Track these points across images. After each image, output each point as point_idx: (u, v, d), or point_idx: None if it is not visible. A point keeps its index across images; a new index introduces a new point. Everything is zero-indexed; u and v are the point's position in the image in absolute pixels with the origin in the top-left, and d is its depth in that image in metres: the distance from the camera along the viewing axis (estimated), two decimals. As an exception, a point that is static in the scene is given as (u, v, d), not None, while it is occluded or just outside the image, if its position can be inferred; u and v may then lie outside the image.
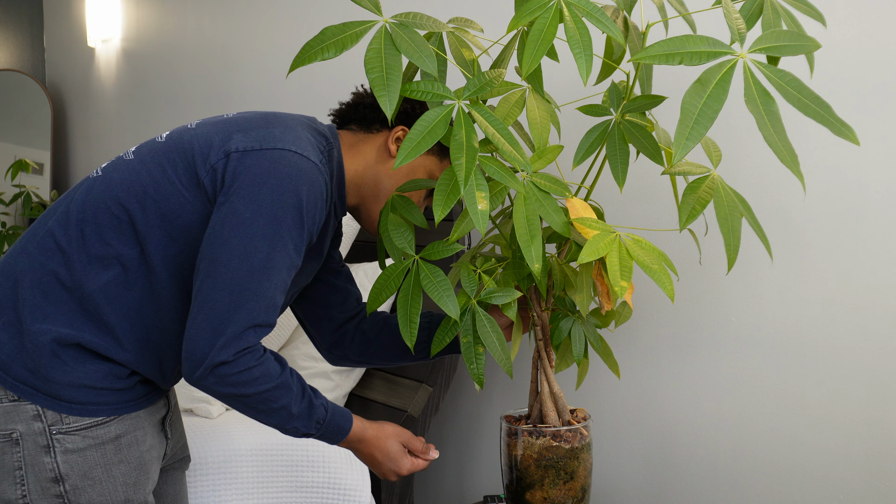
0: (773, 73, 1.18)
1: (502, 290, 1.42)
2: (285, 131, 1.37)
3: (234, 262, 1.28)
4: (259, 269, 1.28)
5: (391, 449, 1.47)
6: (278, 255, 1.29)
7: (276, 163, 1.31)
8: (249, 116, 1.43)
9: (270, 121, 1.40)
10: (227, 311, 1.27)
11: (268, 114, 1.44)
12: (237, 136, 1.36)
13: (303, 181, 1.32)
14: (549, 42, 1.24)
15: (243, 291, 1.28)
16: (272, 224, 1.29)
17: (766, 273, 1.70)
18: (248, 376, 1.29)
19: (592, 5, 1.25)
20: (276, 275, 1.30)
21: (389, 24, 1.27)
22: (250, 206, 1.29)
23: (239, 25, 3.17)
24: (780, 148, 1.16)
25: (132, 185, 1.37)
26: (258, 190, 1.29)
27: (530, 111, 1.40)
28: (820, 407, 1.65)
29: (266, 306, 1.30)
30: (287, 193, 1.30)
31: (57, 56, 4.65)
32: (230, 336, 1.27)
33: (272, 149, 1.33)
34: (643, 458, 1.93)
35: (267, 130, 1.36)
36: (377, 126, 1.50)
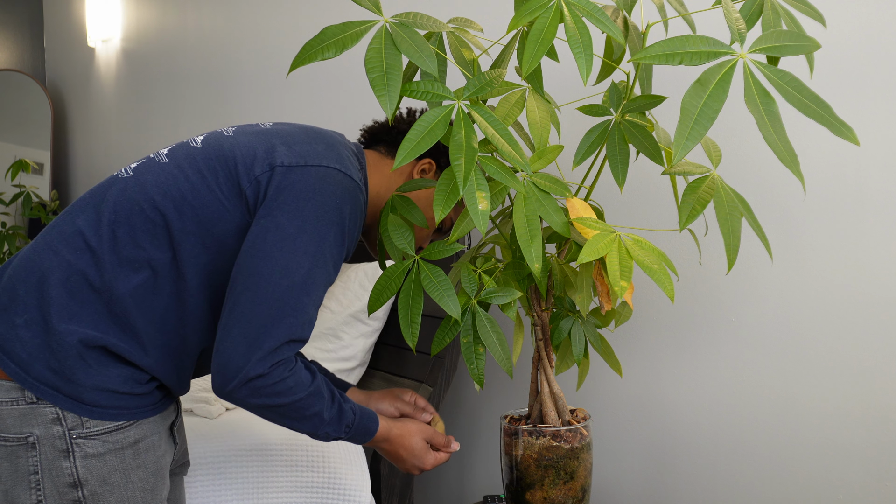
0: (773, 73, 1.18)
1: (502, 290, 1.42)
2: (328, 149, 1.38)
3: (275, 277, 1.28)
4: (300, 285, 1.28)
5: (416, 446, 1.49)
6: (319, 271, 1.30)
7: (322, 180, 1.32)
8: (290, 130, 1.43)
9: (312, 137, 1.41)
10: (266, 325, 1.27)
11: (308, 128, 1.44)
12: (282, 150, 1.36)
13: (347, 199, 1.33)
14: (550, 42, 1.24)
15: (283, 306, 1.28)
16: (316, 240, 1.29)
17: (766, 273, 1.70)
18: (281, 387, 1.29)
19: (592, 5, 1.25)
20: (315, 290, 1.30)
21: (389, 24, 1.27)
22: (295, 221, 1.29)
23: (239, 25, 3.17)
24: (779, 148, 1.16)
25: (169, 188, 1.36)
26: (303, 206, 1.30)
27: (530, 111, 1.40)
28: (820, 407, 1.65)
29: (304, 321, 1.30)
30: (332, 211, 1.31)
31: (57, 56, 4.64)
32: (267, 350, 1.27)
33: (317, 165, 1.34)
34: (643, 458, 1.93)
35: (311, 146, 1.37)
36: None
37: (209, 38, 3.35)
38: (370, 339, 2.23)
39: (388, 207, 1.46)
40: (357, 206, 1.35)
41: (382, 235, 1.44)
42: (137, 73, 3.86)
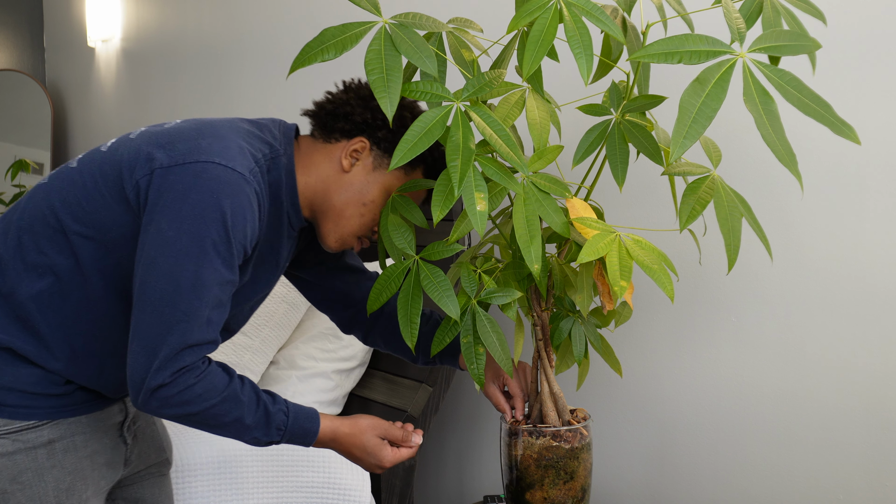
0: (773, 72, 1.18)
1: (502, 291, 1.42)
2: (214, 142, 1.32)
3: (161, 284, 1.25)
4: (187, 289, 1.25)
5: (368, 443, 1.42)
6: (206, 271, 1.26)
7: (198, 176, 1.27)
8: (184, 127, 1.37)
9: (203, 131, 1.34)
10: (159, 333, 1.24)
11: (205, 122, 1.38)
12: (163, 151, 1.31)
13: (225, 193, 1.27)
14: (550, 42, 1.24)
15: (174, 312, 1.24)
16: (196, 241, 1.25)
17: (766, 273, 1.70)
18: (189, 395, 1.26)
19: (592, 4, 1.25)
20: (207, 292, 1.26)
21: (389, 25, 1.27)
22: (173, 223, 1.25)
23: (239, 25, 3.17)
24: (778, 148, 1.16)
25: (68, 195, 1.34)
26: (180, 206, 1.25)
27: (530, 111, 1.40)
28: (820, 406, 1.65)
29: (198, 325, 1.26)
30: (209, 208, 1.26)
31: (57, 56, 4.64)
32: (163, 359, 1.24)
33: (195, 162, 1.28)
34: (643, 458, 1.93)
35: (195, 143, 1.31)
36: (336, 136, 1.44)
37: (209, 38, 3.35)
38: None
39: (388, 208, 1.45)
40: (240, 199, 1.28)
41: (382, 235, 1.44)
42: (137, 73, 3.86)
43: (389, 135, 1.41)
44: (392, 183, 1.44)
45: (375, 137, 1.42)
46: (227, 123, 1.38)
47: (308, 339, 2.27)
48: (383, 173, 1.43)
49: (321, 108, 1.46)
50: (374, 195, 1.43)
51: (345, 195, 1.42)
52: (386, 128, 1.40)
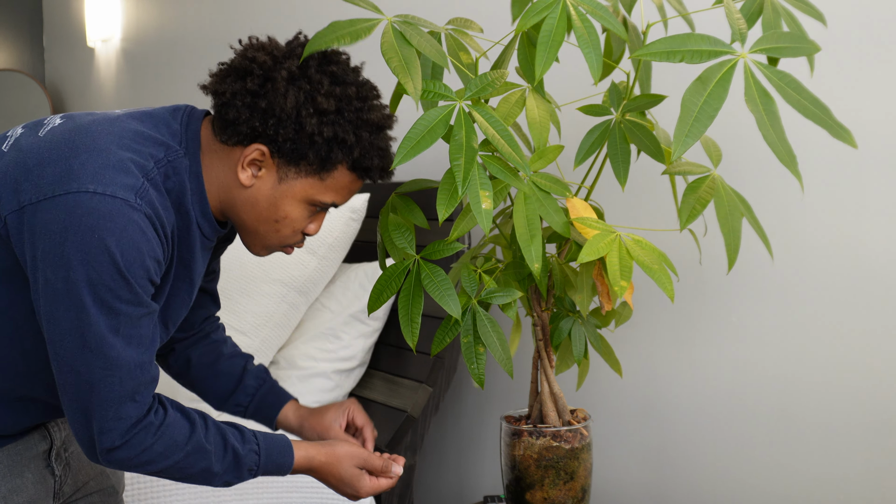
0: (773, 73, 1.18)
1: (503, 290, 1.42)
2: (89, 159, 1.11)
3: (68, 342, 1.10)
4: (97, 344, 1.10)
5: (345, 473, 1.33)
6: (112, 318, 1.10)
7: (71, 213, 1.07)
8: (58, 138, 1.15)
9: (76, 145, 1.13)
10: (87, 394, 1.11)
11: (81, 129, 1.16)
12: (30, 180, 1.11)
13: (107, 230, 1.08)
14: (560, 42, 1.24)
15: (91, 371, 1.10)
16: (90, 288, 1.08)
17: (766, 273, 1.70)
18: (149, 455, 1.15)
19: (597, 3, 1.26)
20: (120, 339, 1.11)
21: (395, 22, 1.28)
22: (59, 272, 1.08)
23: (239, 25, 3.17)
24: (778, 148, 1.16)
25: None
26: (61, 251, 1.08)
27: (530, 111, 1.40)
28: (820, 406, 1.65)
29: (126, 373, 1.12)
30: (93, 250, 1.07)
31: (56, 56, 4.64)
32: (101, 420, 1.12)
33: (65, 194, 1.08)
34: (643, 458, 1.93)
35: (65, 165, 1.10)
36: (228, 138, 1.20)
37: (209, 38, 3.35)
38: (370, 340, 2.23)
39: (388, 207, 1.45)
40: (130, 230, 1.09)
41: (382, 235, 1.44)
42: (137, 73, 3.86)
43: (294, 135, 1.17)
44: (307, 191, 1.21)
45: (275, 143, 1.18)
46: (108, 126, 1.17)
47: (308, 339, 2.26)
48: (293, 183, 1.21)
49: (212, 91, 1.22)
50: (287, 210, 1.22)
51: (251, 212, 1.23)
52: (289, 128, 1.17)
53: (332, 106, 1.17)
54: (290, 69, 1.18)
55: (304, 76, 1.18)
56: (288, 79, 1.17)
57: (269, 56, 1.19)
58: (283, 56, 1.20)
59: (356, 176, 1.23)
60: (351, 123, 1.19)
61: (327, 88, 1.17)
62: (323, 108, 1.16)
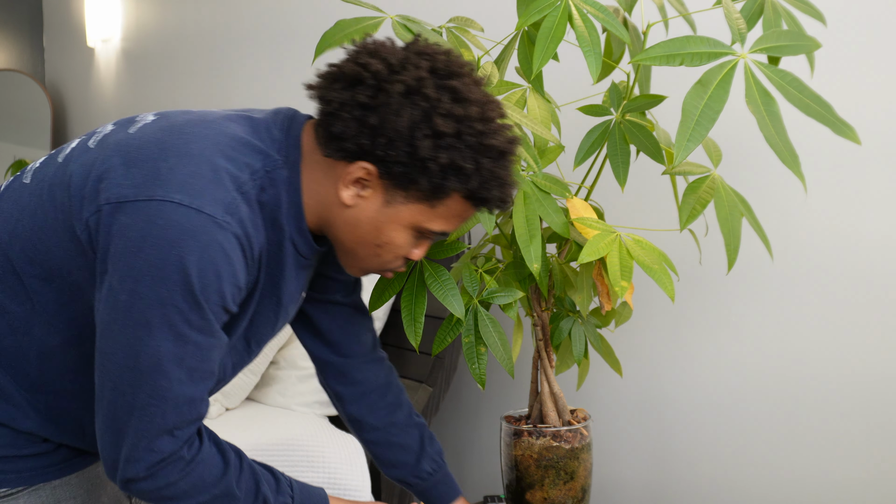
0: (774, 73, 1.18)
1: (504, 290, 1.42)
2: (179, 164, 1.01)
3: (119, 358, 1.00)
4: (150, 368, 1.00)
5: None
6: (178, 345, 1.00)
7: (152, 222, 0.98)
8: (149, 136, 1.06)
9: (168, 147, 1.03)
10: (124, 416, 1.01)
11: (175, 129, 1.06)
12: (115, 176, 1.02)
13: (188, 247, 0.97)
14: (559, 40, 1.25)
15: (136, 394, 1.00)
16: (156, 307, 0.98)
17: (766, 273, 1.70)
18: (172, 491, 1.05)
19: (598, 4, 1.26)
20: (177, 368, 1.01)
21: (399, 19, 1.29)
22: (126, 283, 0.98)
23: (239, 25, 3.17)
24: (781, 148, 1.16)
25: (17, 225, 1.08)
26: (133, 261, 0.98)
27: (530, 111, 1.40)
28: (820, 407, 1.65)
29: (174, 406, 1.02)
30: (168, 266, 0.97)
31: (57, 56, 4.64)
32: (131, 448, 1.02)
33: (149, 199, 0.99)
34: (643, 458, 1.93)
35: (153, 165, 1.01)
36: (333, 151, 1.07)
37: (209, 37, 3.35)
38: (370, 339, 2.23)
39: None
40: (211, 251, 0.99)
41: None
42: (137, 73, 3.86)
43: (406, 158, 1.04)
44: (414, 218, 1.09)
45: (384, 163, 1.05)
46: (204, 129, 1.06)
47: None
48: (400, 208, 1.08)
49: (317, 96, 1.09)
50: (390, 236, 1.11)
51: (351, 234, 1.11)
52: (400, 150, 1.04)
53: (452, 128, 1.03)
54: (408, 82, 1.03)
55: (422, 91, 1.03)
56: (404, 93, 1.03)
57: (384, 64, 1.04)
58: (399, 65, 1.04)
59: (471, 205, 1.10)
60: (471, 149, 1.04)
61: (447, 107, 1.03)
62: (441, 130, 1.02)
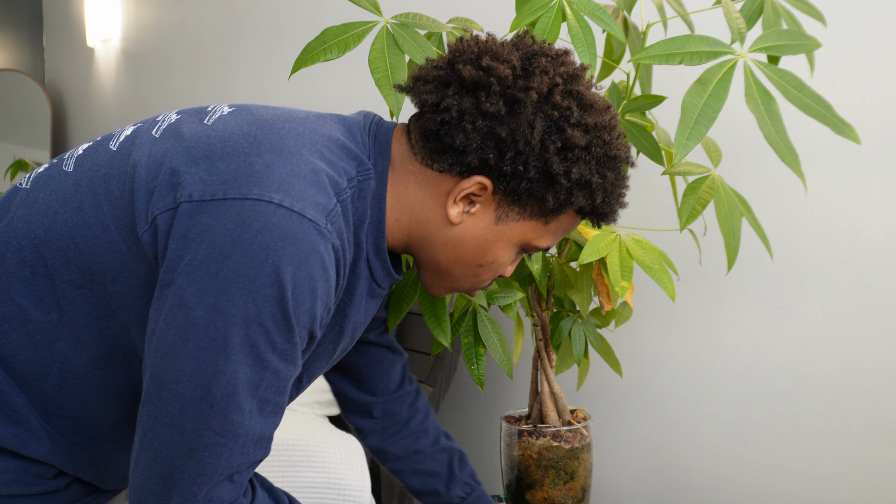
0: (774, 72, 1.18)
1: (504, 291, 1.42)
2: (275, 161, 0.87)
3: (183, 388, 0.84)
4: (223, 399, 0.85)
5: None
6: (257, 371, 0.86)
7: (245, 225, 0.83)
8: (235, 128, 0.92)
9: (260, 141, 0.89)
10: (180, 460, 0.85)
11: (266, 123, 0.93)
12: (197, 170, 0.87)
13: (287, 255, 0.84)
14: (554, 39, 1.24)
15: (202, 431, 0.85)
16: (239, 325, 0.83)
17: (766, 273, 1.70)
18: None
19: (594, 4, 1.26)
20: (251, 399, 0.86)
21: (390, 25, 1.27)
22: (204, 296, 0.83)
23: (239, 25, 3.17)
24: (781, 147, 1.16)
25: (55, 220, 0.92)
26: (217, 270, 0.83)
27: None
28: (820, 406, 1.65)
29: (244, 444, 0.88)
30: (262, 276, 0.83)
31: (56, 56, 4.64)
32: (186, 498, 0.86)
33: (242, 199, 0.84)
34: (643, 458, 1.93)
35: (245, 161, 0.87)
36: (443, 164, 0.95)
37: (209, 38, 3.35)
38: (370, 339, 2.23)
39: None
40: (313, 262, 0.86)
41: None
42: (137, 73, 3.86)
43: (536, 174, 0.94)
44: (526, 235, 0.99)
45: (504, 178, 0.94)
46: (297, 126, 0.94)
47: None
48: (513, 225, 0.98)
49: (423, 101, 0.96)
50: (497, 254, 1.00)
51: (451, 253, 0.99)
52: (530, 165, 0.93)
53: (583, 140, 0.94)
54: (540, 89, 0.93)
55: (552, 100, 0.93)
56: (538, 103, 0.93)
57: (510, 68, 0.94)
58: (525, 69, 0.94)
59: (581, 217, 1.01)
60: (598, 161, 0.95)
61: (577, 117, 0.94)
62: (574, 142, 0.93)
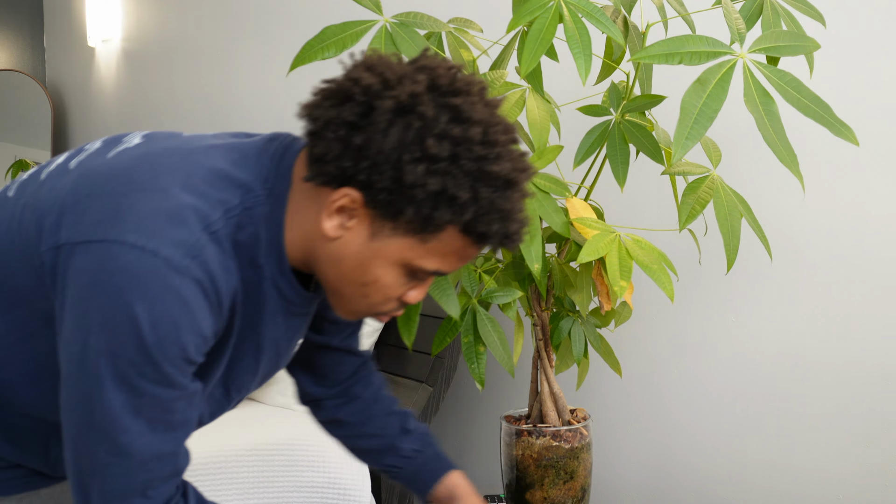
0: (773, 73, 1.18)
1: (503, 290, 1.42)
2: (140, 201, 0.91)
3: (77, 414, 0.91)
4: (106, 425, 0.90)
5: None
6: (133, 398, 0.90)
7: (103, 268, 0.88)
8: (121, 165, 0.96)
9: (135, 179, 0.94)
10: (88, 478, 0.93)
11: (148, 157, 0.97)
12: (77, 211, 0.93)
13: (138, 295, 0.87)
14: (549, 42, 1.25)
15: (96, 453, 0.91)
16: (109, 359, 0.88)
17: (765, 273, 1.70)
18: None
19: (592, 5, 1.26)
20: (135, 420, 0.91)
21: (390, 24, 1.27)
22: (79, 333, 0.89)
23: (239, 25, 3.17)
24: (779, 148, 1.16)
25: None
26: (85, 309, 0.89)
27: (530, 111, 1.40)
28: (819, 406, 1.65)
29: (141, 464, 0.92)
30: (117, 317, 0.87)
31: (57, 56, 4.64)
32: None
33: (103, 241, 0.89)
34: (643, 458, 1.93)
35: (115, 201, 0.91)
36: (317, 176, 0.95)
37: (209, 37, 3.35)
38: (370, 340, 2.23)
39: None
40: (168, 299, 0.88)
41: None
42: (137, 73, 3.86)
43: (391, 184, 0.92)
44: (403, 254, 0.96)
45: (370, 190, 0.93)
46: (179, 160, 0.96)
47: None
48: (388, 242, 0.95)
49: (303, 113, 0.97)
50: (377, 274, 0.97)
51: (335, 270, 0.98)
52: (385, 175, 0.92)
53: (446, 151, 0.91)
54: (400, 98, 0.92)
55: (417, 109, 0.91)
56: (394, 110, 0.91)
57: (379, 79, 0.93)
58: (396, 80, 0.93)
59: (471, 241, 0.96)
60: (468, 175, 0.91)
61: (443, 127, 0.91)
62: (432, 152, 0.90)
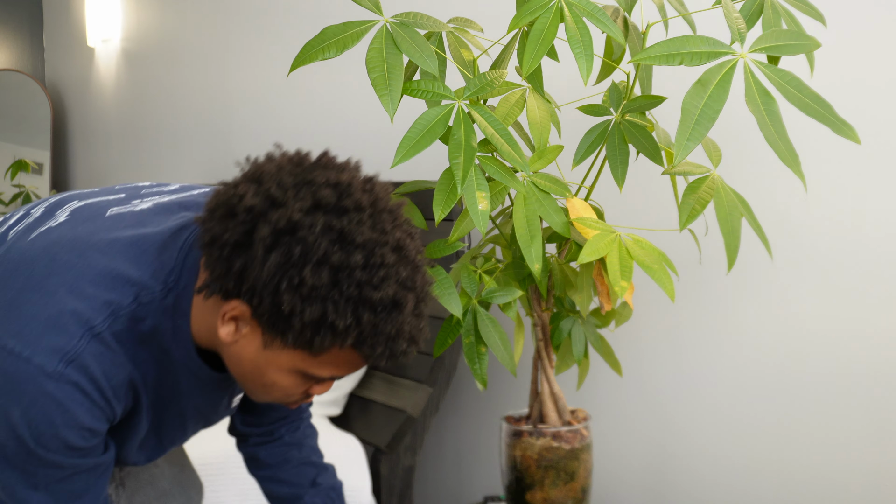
0: (774, 72, 1.18)
1: (503, 290, 1.42)
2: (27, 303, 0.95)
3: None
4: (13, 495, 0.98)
5: None
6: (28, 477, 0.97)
7: None
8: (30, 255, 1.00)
9: (32, 277, 0.97)
10: None
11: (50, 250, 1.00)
12: None
13: (14, 399, 0.92)
14: (550, 42, 1.25)
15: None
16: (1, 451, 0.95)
17: (766, 273, 1.70)
18: None
19: (593, 5, 1.26)
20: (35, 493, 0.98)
21: (390, 24, 1.27)
22: None
23: (239, 25, 3.17)
24: (780, 148, 1.16)
25: None
26: None
27: (530, 111, 1.40)
28: (820, 406, 1.65)
29: None
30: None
31: (57, 56, 4.64)
32: None
33: None
34: (643, 458, 1.93)
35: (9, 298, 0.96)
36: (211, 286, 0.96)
37: (209, 38, 3.35)
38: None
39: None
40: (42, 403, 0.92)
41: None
42: (137, 73, 3.86)
43: (271, 309, 0.92)
44: (296, 364, 0.97)
45: (256, 310, 0.93)
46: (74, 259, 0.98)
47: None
48: (279, 353, 0.96)
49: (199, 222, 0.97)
50: (274, 378, 1.00)
51: (236, 369, 1.01)
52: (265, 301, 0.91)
53: (325, 278, 0.90)
54: (279, 224, 0.90)
55: (297, 234, 0.90)
56: (272, 236, 0.90)
57: (262, 197, 0.92)
58: (279, 199, 0.91)
59: (361, 355, 0.96)
60: (349, 301, 0.91)
61: (323, 253, 0.90)
62: (310, 282, 0.90)
